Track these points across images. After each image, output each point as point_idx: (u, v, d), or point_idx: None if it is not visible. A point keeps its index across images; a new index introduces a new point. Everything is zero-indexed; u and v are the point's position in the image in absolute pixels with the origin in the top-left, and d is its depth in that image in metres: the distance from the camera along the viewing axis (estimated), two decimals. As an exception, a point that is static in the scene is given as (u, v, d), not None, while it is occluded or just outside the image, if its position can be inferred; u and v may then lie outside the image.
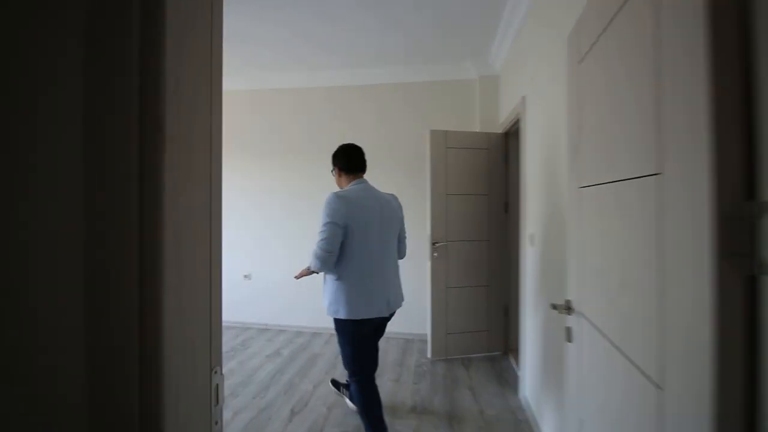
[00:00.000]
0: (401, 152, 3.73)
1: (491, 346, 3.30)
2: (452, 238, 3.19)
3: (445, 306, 3.20)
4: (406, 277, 3.73)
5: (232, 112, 4.05)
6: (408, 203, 3.73)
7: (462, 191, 3.21)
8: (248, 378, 2.88)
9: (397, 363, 3.17)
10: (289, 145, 3.94)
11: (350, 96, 3.82)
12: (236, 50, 3.26)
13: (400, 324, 3.71)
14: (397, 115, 3.75)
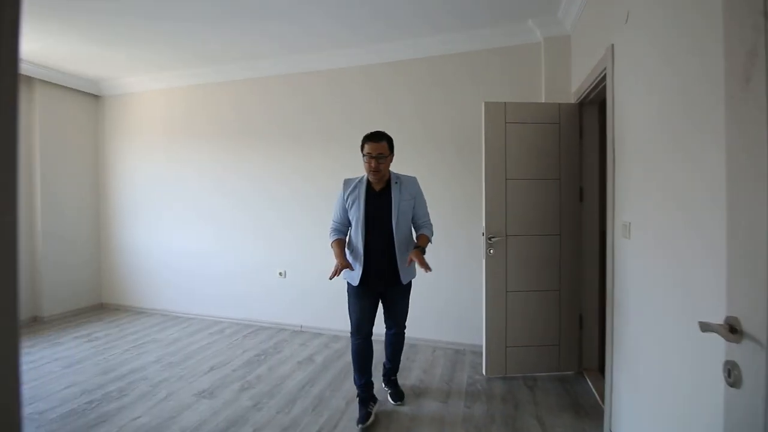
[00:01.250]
0: (449, 132, 3.23)
1: (562, 364, 2.70)
2: (513, 231, 2.64)
3: (503, 314, 2.66)
4: (456, 276, 3.29)
5: (270, 97, 3.79)
6: (458, 191, 3.29)
7: (525, 175, 2.65)
8: (275, 387, 2.55)
9: (445, 379, 2.68)
10: (329, 133, 3.59)
11: (385, 74, 3.39)
12: (269, 31, 2.96)
13: (448, 331, 3.24)
14: (442, 91, 3.25)
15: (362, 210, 2.14)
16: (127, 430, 2.07)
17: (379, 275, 2.16)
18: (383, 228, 2.14)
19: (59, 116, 4.14)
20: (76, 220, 4.31)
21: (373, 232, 2.14)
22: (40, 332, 3.65)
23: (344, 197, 2.20)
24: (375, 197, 2.18)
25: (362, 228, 2.14)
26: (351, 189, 2.20)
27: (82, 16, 2.82)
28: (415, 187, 2.24)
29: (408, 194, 2.19)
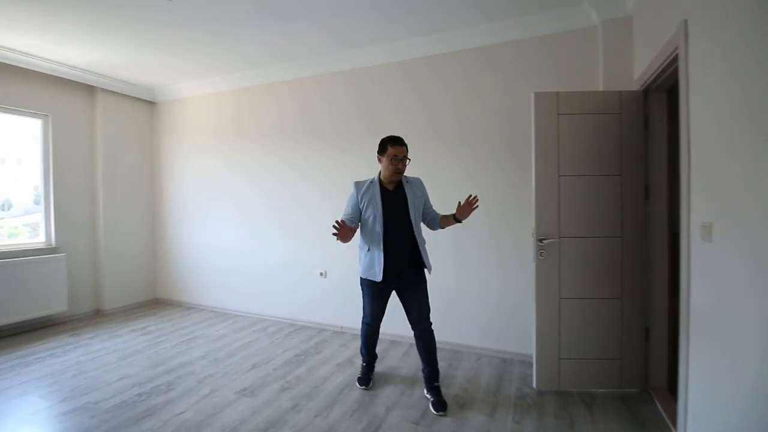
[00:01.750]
0: (493, 127, 3.04)
1: (625, 380, 2.44)
2: (567, 233, 2.42)
3: (556, 323, 2.44)
4: (503, 281, 3.11)
5: (307, 98, 3.80)
6: (504, 189, 3.04)
7: (581, 171, 2.42)
8: (314, 389, 2.51)
9: (492, 390, 2.50)
10: (369, 130, 3.52)
11: (424, 68, 3.25)
12: (309, 29, 2.95)
13: (494, 339, 3.05)
14: (484, 84, 3.06)
15: (380, 207, 2.30)
16: (170, 425, 2.11)
17: (399, 268, 2.32)
18: (401, 223, 2.32)
19: (118, 122, 4.41)
20: (133, 220, 4.58)
21: (391, 227, 2.31)
22: (101, 324, 3.90)
23: (358, 197, 2.35)
24: (390, 196, 2.35)
25: (381, 224, 2.29)
26: (364, 190, 2.35)
27: (134, 25, 2.95)
28: (422, 186, 2.45)
29: (419, 192, 2.40)
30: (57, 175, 3.93)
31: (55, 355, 3.10)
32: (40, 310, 3.68)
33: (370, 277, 2.34)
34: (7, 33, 3.07)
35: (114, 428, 2.08)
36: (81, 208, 4.15)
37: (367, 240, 2.36)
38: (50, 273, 3.75)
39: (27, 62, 3.57)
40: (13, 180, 3.83)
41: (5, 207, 3.80)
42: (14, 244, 3.71)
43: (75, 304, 4.05)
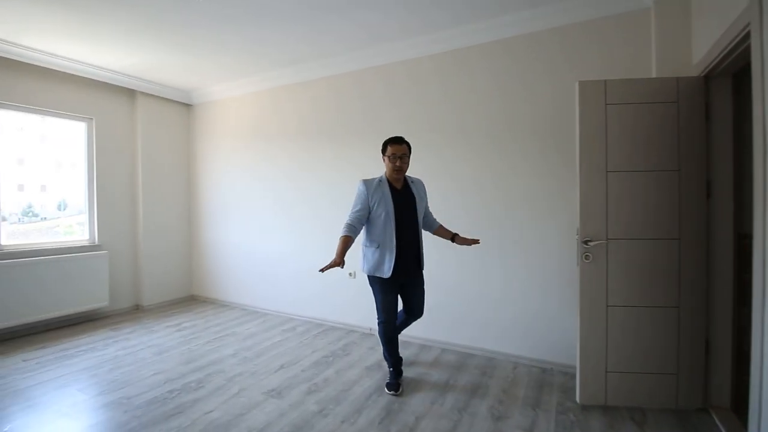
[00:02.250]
0: (532, 120, 2.85)
1: (681, 397, 2.19)
2: (616, 234, 2.21)
3: (603, 332, 2.23)
4: (542, 284, 2.88)
5: (342, 96, 3.75)
6: (545, 186, 2.79)
7: (631, 166, 2.21)
8: (342, 393, 2.44)
9: (530, 403, 2.33)
10: (403, 128, 3.42)
11: (457, 62, 3.10)
12: (337, 27, 2.89)
13: (532, 347, 2.85)
14: (523, 75, 2.88)
15: (391, 205, 2.38)
16: (198, 424, 2.10)
17: (407, 264, 2.42)
18: (410, 221, 2.43)
19: (157, 124, 4.56)
20: (170, 219, 4.71)
21: (401, 225, 2.39)
22: (140, 320, 4.02)
23: (368, 195, 2.40)
24: (399, 195, 2.44)
25: (393, 222, 2.37)
26: (374, 188, 2.41)
27: (169, 28, 3.00)
28: (424, 187, 2.60)
29: (423, 192, 2.55)
30: (100, 175, 4.10)
31: (95, 348, 3.21)
32: (85, 304, 3.85)
33: (378, 274, 2.39)
34: (53, 39, 3.22)
35: (144, 424, 2.09)
36: (122, 207, 4.31)
37: (375, 237, 2.41)
38: (94, 269, 3.91)
39: (72, 68, 3.74)
40: (69, 182, 4.03)
41: (61, 207, 4.01)
42: (62, 241, 3.90)
43: (116, 300, 4.21)
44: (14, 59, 3.39)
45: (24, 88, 3.52)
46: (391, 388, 2.46)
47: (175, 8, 2.72)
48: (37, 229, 3.84)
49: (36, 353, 3.09)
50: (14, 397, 2.38)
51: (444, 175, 3.19)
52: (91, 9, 2.72)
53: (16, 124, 3.58)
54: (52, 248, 3.72)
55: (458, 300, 3.14)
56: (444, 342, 3.19)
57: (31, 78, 3.56)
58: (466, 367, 2.82)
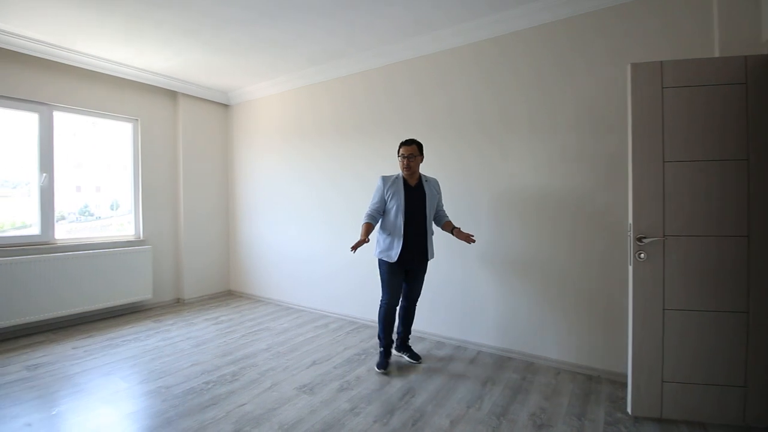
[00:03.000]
0: (575, 108, 2.67)
1: (749, 412, 1.96)
2: (674, 230, 2.01)
3: (659, 338, 2.04)
4: (588, 284, 2.59)
5: (370, 92, 3.71)
6: (593, 177, 2.58)
7: (692, 156, 2.00)
8: (374, 392, 2.38)
9: (575, 412, 2.17)
10: (433, 124, 3.32)
11: (495, 51, 2.96)
12: (369, 22, 2.84)
13: (577, 352, 2.67)
14: (566, 61, 2.70)
15: (403, 200, 2.65)
16: (232, 416, 2.11)
17: (413, 252, 2.67)
18: (418, 216, 2.67)
19: (197, 124, 4.71)
20: (209, 216, 4.86)
21: (411, 218, 2.65)
22: (180, 312, 4.16)
23: (384, 189, 2.69)
24: (412, 191, 2.70)
25: (403, 214, 2.63)
26: (390, 184, 2.70)
27: (208, 29, 3.07)
28: (438, 185, 2.84)
29: (435, 190, 2.77)
30: (145, 173, 4.29)
31: (138, 339, 3.34)
32: (130, 296, 4.03)
33: (386, 258, 2.68)
34: (102, 44, 3.38)
35: (181, 414, 2.13)
36: (164, 205, 4.49)
37: (387, 226, 2.70)
38: (138, 263, 4.09)
39: (119, 71, 3.93)
40: (120, 182, 4.24)
41: (114, 207, 4.23)
42: (110, 235, 4.10)
43: (159, 293, 4.38)
44: (69, 64, 3.61)
45: (77, 91, 3.73)
46: (380, 366, 2.68)
47: (212, 9, 2.77)
48: (92, 228, 4.06)
49: (84, 341, 3.25)
50: (63, 382, 2.50)
51: (483, 168, 3.07)
52: (135, 13, 2.82)
53: (70, 128, 3.80)
54: (100, 242, 3.92)
55: (495, 301, 3.00)
56: (480, 344, 3.06)
57: (83, 81, 3.77)
58: (504, 371, 2.68)
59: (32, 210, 3.55)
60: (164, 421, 2.07)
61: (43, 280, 3.42)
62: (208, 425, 2.02)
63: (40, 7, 2.75)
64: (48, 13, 2.84)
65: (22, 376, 2.58)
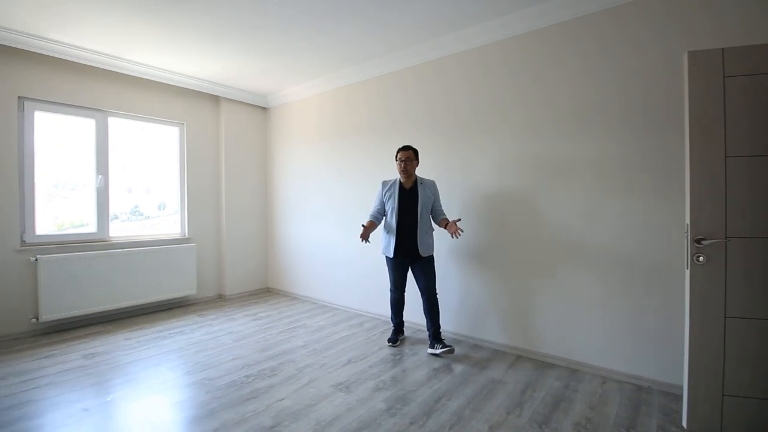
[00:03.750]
0: (621, 101, 2.51)
1: (830, 436, 1.77)
2: (737, 232, 1.85)
3: (720, 348, 1.88)
4: (638, 288, 2.41)
5: (405, 90, 3.68)
6: (641, 174, 2.41)
7: (758, 150, 1.83)
8: (410, 393, 2.36)
9: (624, 424, 2.04)
10: (468, 121, 3.26)
11: (536, 43, 2.85)
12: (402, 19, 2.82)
13: (625, 359, 2.52)
14: (611, 52, 2.55)
15: (397, 202, 3.01)
16: (271, 410, 2.16)
17: (406, 248, 3.00)
18: (410, 214, 2.99)
19: (238, 127, 4.89)
20: (249, 215, 5.02)
21: (404, 217, 3.00)
22: (222, 308, 4.33)
23: (383, 192, 3.11)
24: (406, 193, 3.03)
25: (396, 214, 3.01)
26: (388, 187, 3.10)
27: (248, 32, 3.17)
28: (433, 188, 3.07)
29: (429, 192, 3.02)
30: (190, 174, 4.50)
31: (184, 332, 3.50)
32: (177, 291, 4.24)
33: (386, 253, 3.08)
34: (150, 52, 3.58)
35: (223, 405, 2.21)
36: (208, 204, 4.69)
37: (386, 225, 3.10)
38: (184, 260, 4.30)
39: (166, 77, 4.14)
40: (167, 183, 4.47)
41: (161, 207, 4.48)
42: (159, 233, 4.34)
43: (202, 289, 4.58)
44: (122, 72, 3.84)
45: (129, 97, 3.98)
46: (390, 340, 3.19)
47: (252, 13, 2.85)
48: (141, 227, 4.30)
49: (136, 333, 3.45)
50: (116, 371, 2.66)
51: (525, 164, 2.97)
52: (179, 20, 2.96)
53: (123, 132, 4.05)
54: (150, 240, 4.16)
55: (533, 303, 2.89)
56: (519, 348, 2.96)
57: (134, 88, 4.01)
58: (545, 377, 2.57)
59: (89, 210, 3.81)
60: (208, 411, 2.15)
61: (100, 274, 3.67)
62: (249, 418, 2.08)
63: (94, 18, 2.94)
64: (101, 24, 3.04)
65: (80, 363, 2.78)
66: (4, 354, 2.95)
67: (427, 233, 3.01)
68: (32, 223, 3.42)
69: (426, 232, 3.00)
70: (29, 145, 3.39)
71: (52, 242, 3.51)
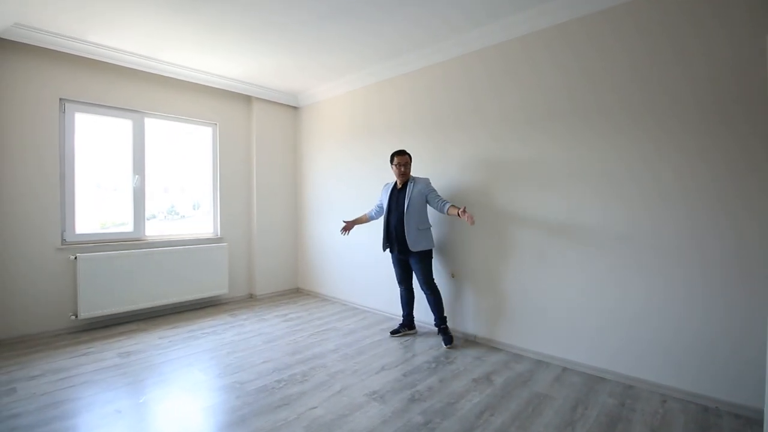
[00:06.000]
0: (688, 94, 2.26)
1: None
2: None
3: (816, 370, 1.63)
4: (704, 298, 2.09)
5: (438, 86, 3.53)
6: (707, 173, 2.11)
7: None
8: (449, 406, 2.21)
9: (694, 450, 1.81)
10: (512, 117, 3.07)
11: (584, 31, 2.62)
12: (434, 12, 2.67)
13: (688, 377, 2.25)
14: (674, 39, 2.30)
15: (387, 200, 3.27)
16: (303, 419, 2.07)
17: (395, 243, 3.21)
18: (398, 212, 3.16)
19: (269, 127, 4.88)
20: (279, 215, 5.01)
21: (392, 213, 3.21)
22: (253, 308, 4.32)
23: (382, 194, 3.39)
24: (397, 192, 3.24)
25: (385, 211, 3.26)
26: (386, 189, 3.37)
27: (279, 30, 3.11)
28: (426, 184, 3.18)
29: (419, 190, 3.13)
30: (222, 174, 4.52)
31: (216, 332, 3.49)
32: (210, 291, 4.26)
33: (383, 248, 3.31)
34: (184, 53, 3.59)
35: (254, 412, 2.13)
36: (239, 204, 4.70)
37: (384, 224, 3.29)
38: (217, 259, 4.31)
39: (200, 78, 4.16)
40: (201, 183, 4.51)
41: (195, 207, 4.53)
42: (192, 233, 4.37)
43: (234, 288, 4.59)
44: (157, 74, 3.89)
45: (165, 98, 4.02)
46: (392, 331, 3.41)
47: (287, 10, 2.78)
48: (176, 226, 4.35)
49: (170, 332, 3.47)
50: (150, 371, 2.65)
51: (566, 165, 2.76)
52: (211, 20, 2.93)
53: (158, 133, 4.10)
54: (184, 239, 4.20)
55: (582, 310, 2.67)
56: (565, 359, 2.75)
57: (169, 89, 4.06)
58: (597, 394, 2.36)
59: (127, 209, 3.88)
60: (238, 418, 2.08)
61: (136, 273, 3.72)
62: (280, 427, 2.00)
63: (132, 19, 2.96)
64: (138, 24, 3.05)
65: (115, 362, 2.79)
66: (44, 350, 3.02)
67: (418, 229, 3.09)
68: (72, 222, 3.50)
69: (416, 228, 3.08)
70: (70, 146, 3.47)
71: (91, 241, 3.59)
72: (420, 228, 3.11)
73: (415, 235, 3.08)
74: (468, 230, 3.28)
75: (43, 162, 3.31)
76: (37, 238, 3.28)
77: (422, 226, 3.13)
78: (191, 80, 4.14)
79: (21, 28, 3.05)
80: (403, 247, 3.14)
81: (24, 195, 3.22)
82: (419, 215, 3.12)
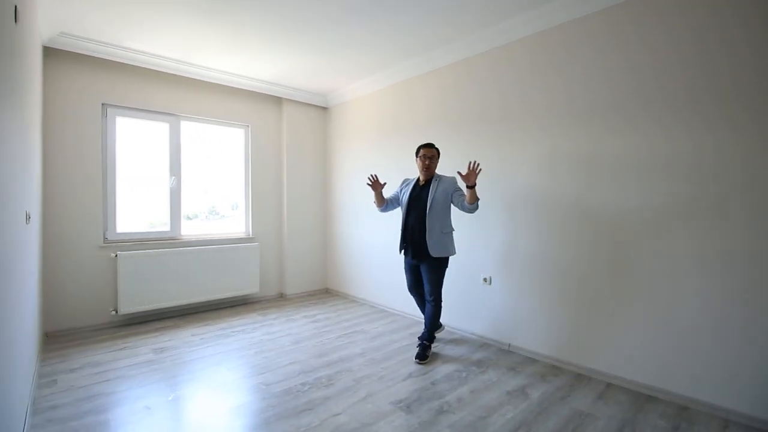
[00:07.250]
0: (738, 79, 2.00)
1: None
2: None
3: None
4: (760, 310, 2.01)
5: (472, 81, 3.38)
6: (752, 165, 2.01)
7: None
8: (480, 420, 2.08)
9: (764, 487, 1.59)
10: (538, 113, 2.88)
11: (619, 19, 2.39)
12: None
13: (750, 398, 2.00)
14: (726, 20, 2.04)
15: (407, 198, 2.95)
16: (327, 425, 2.01)
17: (412, 246, 2.88)
18: (418, 212, 2.86)
19: (299, 128, 4.90)
20: (309, 215, 5.02)
21: (411, 213, 2.91)
22: (282, 307, 4.34)
23: (400, 189, 3.13)
24: (419, 189, 2.94)
25: (404, 209, 2.95)
26: (406, 184, 3.09)
27: (305, 29, 3.08)
28: (450, 184, 2.86)
29: (443, 188, 2.84)
30: (254, 175, 4.58)
31: (245, 331, 3.52)
32: (241, 289, 4.33)
33: (399, 249, 2.99)
34: (216, 56, 3.66)
35: (278, 415, 2.10)
36: (270, 204, 4.75)
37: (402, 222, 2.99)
38: (248, 258, 4.38)
39: (232, 81, 4.24)
40: (236, 184, 4.61)
41: (234, 207, 4.63)
42: (225, 232, 4.46)
43: (264, 287, 4.65)
44: (192, 77, 4.00)
45: (199, 101, 4.13)
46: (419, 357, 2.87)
47: (317, 8, 2.75)
48: (212, 226, 4.46)
49: (202, 329, 3.54)
50: (181, 368, 2.70)
51: (604, 158, 2.54)
52: (241, 21, 2.95)
53: (193, 135, 4.21)
54: (217, 239, 4.28)
55: (626, 322, 2.45)
56: (609, 374, 2.53)
57: (203, 92, 4.15)
58: (647, 414, 2.14)
59: (164, 209, 4.00)
60: (263, 421, 2.05)
61: (172, 271, 3.83)
62: (303, 433, 1.95)
63: (168, 24, 3.03)
64: (173, 30, 3.13)
65: (149, 358, 2.87)
66: (86, 344, 3.15)
67: (441, 232, 2.81)
68: (114, 221, 3.64)
69: (439, 231, 2.81)
70: (111, 149, 3.62)
71: (130, 240, 3.73)
72: (444, 231, 2.83)
73: (438, 238, 2.79)
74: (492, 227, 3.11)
75: (86, 164, 3.46)
76: (80, 236, 3.44)
77: (446, 230, 2.85)
78: (223, 83, 4.22)
79: (66, 36, 3.20)
80: (419, 251, 2.84)
81: (68, 196, 3.39)
82: (443, 217, 2.84)
